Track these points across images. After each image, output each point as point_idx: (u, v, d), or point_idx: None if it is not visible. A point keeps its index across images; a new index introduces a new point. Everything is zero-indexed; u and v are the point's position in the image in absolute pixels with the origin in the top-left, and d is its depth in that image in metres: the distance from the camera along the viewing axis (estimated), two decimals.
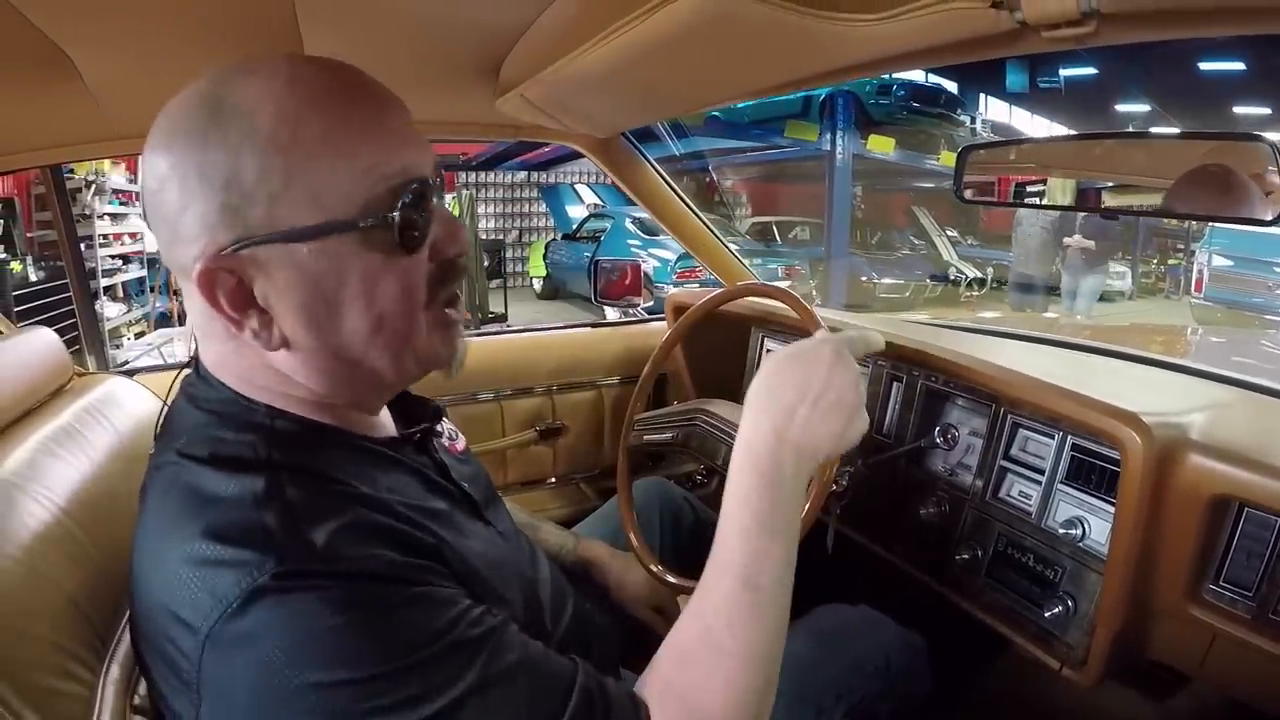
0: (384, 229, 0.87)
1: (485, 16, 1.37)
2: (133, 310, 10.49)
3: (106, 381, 1.61)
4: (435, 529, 0.96)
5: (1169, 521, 1.33)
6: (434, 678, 0.80)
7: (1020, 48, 1.07)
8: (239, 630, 0.78)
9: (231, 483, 0.85)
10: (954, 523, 1.71)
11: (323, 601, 0.78)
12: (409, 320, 0.93)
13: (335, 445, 0.97)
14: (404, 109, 0.93)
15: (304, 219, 0.85)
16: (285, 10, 1.20)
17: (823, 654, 1.51)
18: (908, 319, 2.67)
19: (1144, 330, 5.57)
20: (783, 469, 1.03)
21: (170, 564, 0.83)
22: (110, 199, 10.13)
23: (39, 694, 0.90)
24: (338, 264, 0.87)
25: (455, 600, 0.87)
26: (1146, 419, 1.34)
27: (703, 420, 1.89)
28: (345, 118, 0.87)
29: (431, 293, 0.95)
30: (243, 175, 0.84)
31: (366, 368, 0.94)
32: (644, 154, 2.46)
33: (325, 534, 0.82)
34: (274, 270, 0.87)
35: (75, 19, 1.20)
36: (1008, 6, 0.91)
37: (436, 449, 1.15)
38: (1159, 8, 0.90)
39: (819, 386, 1.06)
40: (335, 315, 0.90)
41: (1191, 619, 1.33)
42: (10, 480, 1.10)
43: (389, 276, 0.90)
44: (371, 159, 0.87)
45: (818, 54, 1.28)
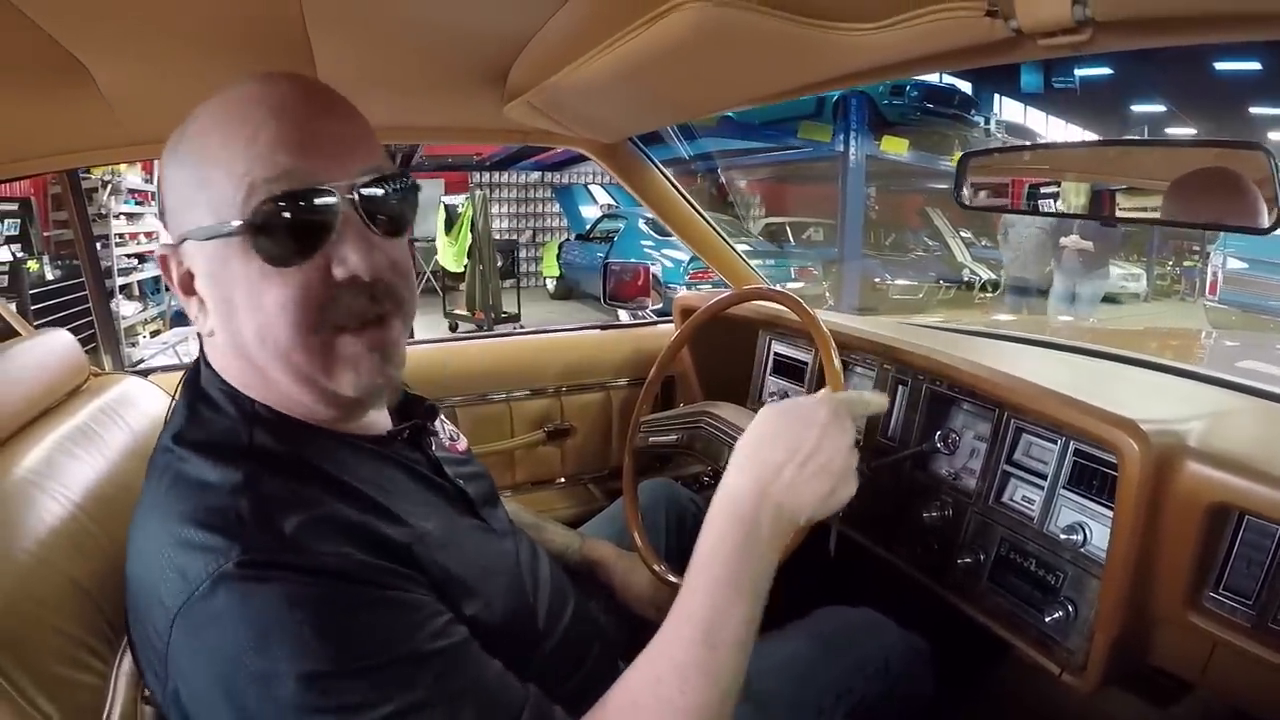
0: (259, 239, 0.90)
1: (491, 26, 1.39)
2: (148, 309, 10.55)
3: (122, 382, 1.64)
4: (412, 526, 0.98)
5: (1167, 528, 1.33)
6: (381, 687, 0.82)
7: (1016, 55, 1.08)
8: (203, 613, 0.81)
9: (214, 470, 0.89)
10: (957, 526, 1.71)
11: (282, 594, 0.81)
12: (287, 336, 0.93)
13: (318, 438, 1.00)
14: (339, 124, 0.96)
15: (203, 221, 0.92)
16: (295, 20, 1.22)
17: (824, 655, 1.52)
18: (915, 322, 2.67)
19: (1158, 334, 5.53)
20: (760, 526, 1.02)
21: (154, 544, 0.87)
22: (126, 198, 10.18)
23: (54, 683, 0.94)
24: (228, 266, 0.92)
25: (419, 607, 0.89)
26: (1145, 426, 1.34)
27: (707, 422, 1.90)
28: (244, 131, 0.91)
29: (317, 314, 0.93)
30: (177, 183, 0.95)
31: (271, 375, 0.97)
32: (650, 158, 2.47)
33: (294, 526, 0.85)
34: (196, 264, 0.96)
35: (90, 29, 1.22)
36: (1003, 15, 0.92)
37: (431, 446, 1.17)
38: (1154, 16, 0.91)
39: (809, 448, 1.06)
40: (233, 315, 0.95)
41: (1191, 626, 1.33)
42: (28, 479, 1.15)
43: (268, 287, 0.91)
44: (255, 170, 0.90)
45: (817, 62, 1.30)
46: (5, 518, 1.06)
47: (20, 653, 0.92)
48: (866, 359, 2.04)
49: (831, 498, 1.06)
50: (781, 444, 1.06)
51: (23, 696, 0.89)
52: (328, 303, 0.93)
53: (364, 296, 0.95)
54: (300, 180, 0.90)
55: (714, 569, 1.00)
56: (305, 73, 1.39)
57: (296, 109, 0.93)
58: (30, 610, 0.98)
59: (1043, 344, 2.24)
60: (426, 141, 8.70)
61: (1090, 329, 7.44)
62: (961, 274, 15.67)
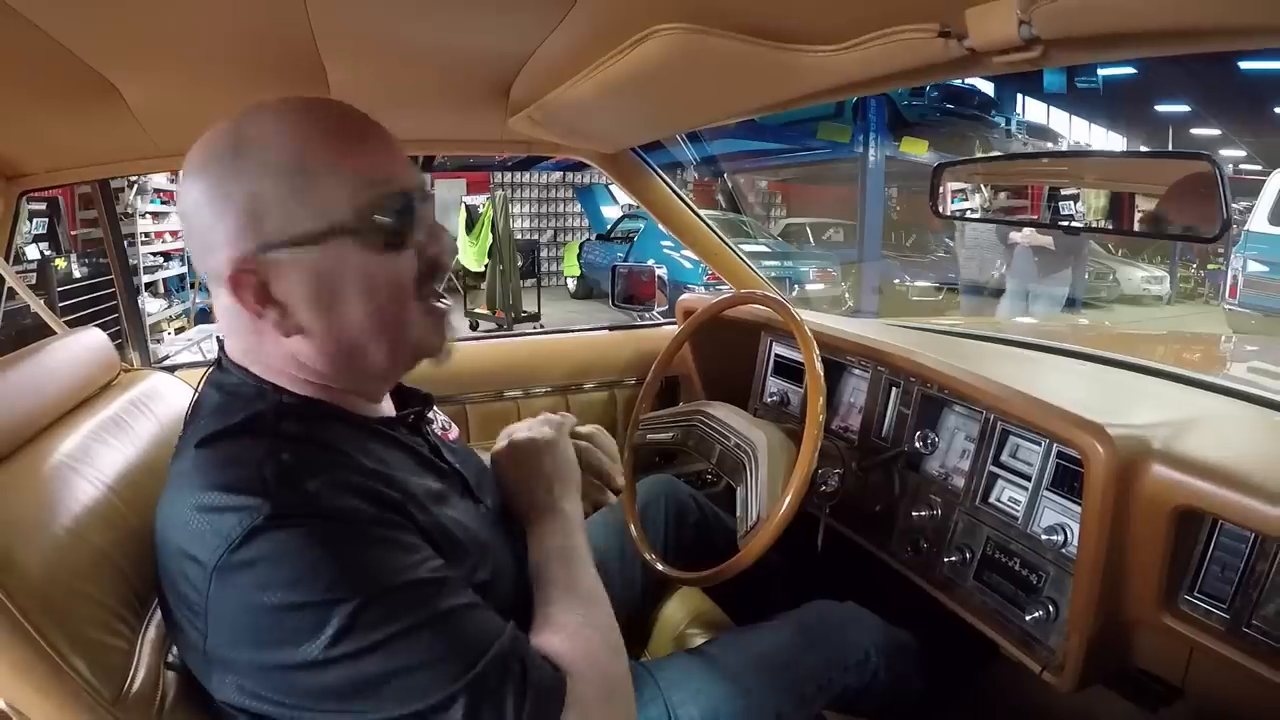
0: (375, 231, 1.03)
1: (492, 46, 1.45)
2: (173, 306, 10.68)
3: (151, 377, 1.72)
4: (411, 494, 1.09)
5: (1135, 530, 1.36)
6: (393, 610, 0.93)
7: (976, 71, 1.14)
8: (239, 560, 0.92)
9: (239, 446, 1.01)
10: (945, 525, 1.74)
11: (306, 537, 0.92)
12: (401, 309, 1.08)
13: (334, 420, 1.11)
14: (388, 135, 1.10)
15: (310, 226, 1.02)
16: (306, 42, 1.30)
17: (806, 645, 1.57)
18: (909, 324, 2.68)
19: (1182, 339, 5.46)
20: (557, 509, 1.30)
21: (184, 512, 0.98)
22: (152, 198, 10.35)
23: (86, 644, 1.03)
24: (339, 263, 1.04)
25: (417, 548, 1.01)
26: (1111, 429, 1.37)
27: (700, 421, 1.95)
28: (339, 144, 1.04)
29: (419, 286, 1.10)
30: (261, 195, 1.02)
31: (367, 353, 1.09)
32: (652, 165, 2.52)
33: (313, 485, 0.96)
34: (288, 270, 1.04)
35: (119, 53, 1.32)
36: (956, 35, 0.98)
37: (430, 432, 1.30)
38: (1098, 33, 0.95)
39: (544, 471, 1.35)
40: (339, 305, 1.05)
41: (1167, 629, 1.35)
42: (66, 463, 1.25)
43: (381, 272, 1.05)
44: (363, 175, 1.03)
45: (785, 81, 1.36)
46: (45, 497, 1.17)
47: (57, 617, 1.02)
48: (861, 361, 2.08)
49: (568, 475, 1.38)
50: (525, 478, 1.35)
51: (59, 655, 0.98)
52: (426, 274, 1.11)
53: (443, 271, 1.14)
54: (399, 181, 1.06)
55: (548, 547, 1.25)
56: (319, 90, 1.52)
57: (366, 125, 1.09)
58: (66, 579, 1.07)
59: (1035, 347, 2.25)
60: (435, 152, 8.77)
61: (1109, 333, 7.37)
62: None
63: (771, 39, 1.14)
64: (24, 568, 1.03)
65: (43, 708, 0.97)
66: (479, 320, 11.96)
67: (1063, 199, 1.75)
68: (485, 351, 2.73)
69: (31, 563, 1.05)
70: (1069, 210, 1.69)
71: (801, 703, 1.53)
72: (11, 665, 0.97)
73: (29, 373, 1.39)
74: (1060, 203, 1.75)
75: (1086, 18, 0.90)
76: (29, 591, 1.01)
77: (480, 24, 1.32)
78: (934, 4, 1.00)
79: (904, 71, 1.17)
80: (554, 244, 17.90)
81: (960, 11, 0.97)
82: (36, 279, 8.01)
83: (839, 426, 2.15)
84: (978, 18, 0.96)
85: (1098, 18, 0.90)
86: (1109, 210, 1.68)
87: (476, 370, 2.51)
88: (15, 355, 1.41)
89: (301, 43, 1.31)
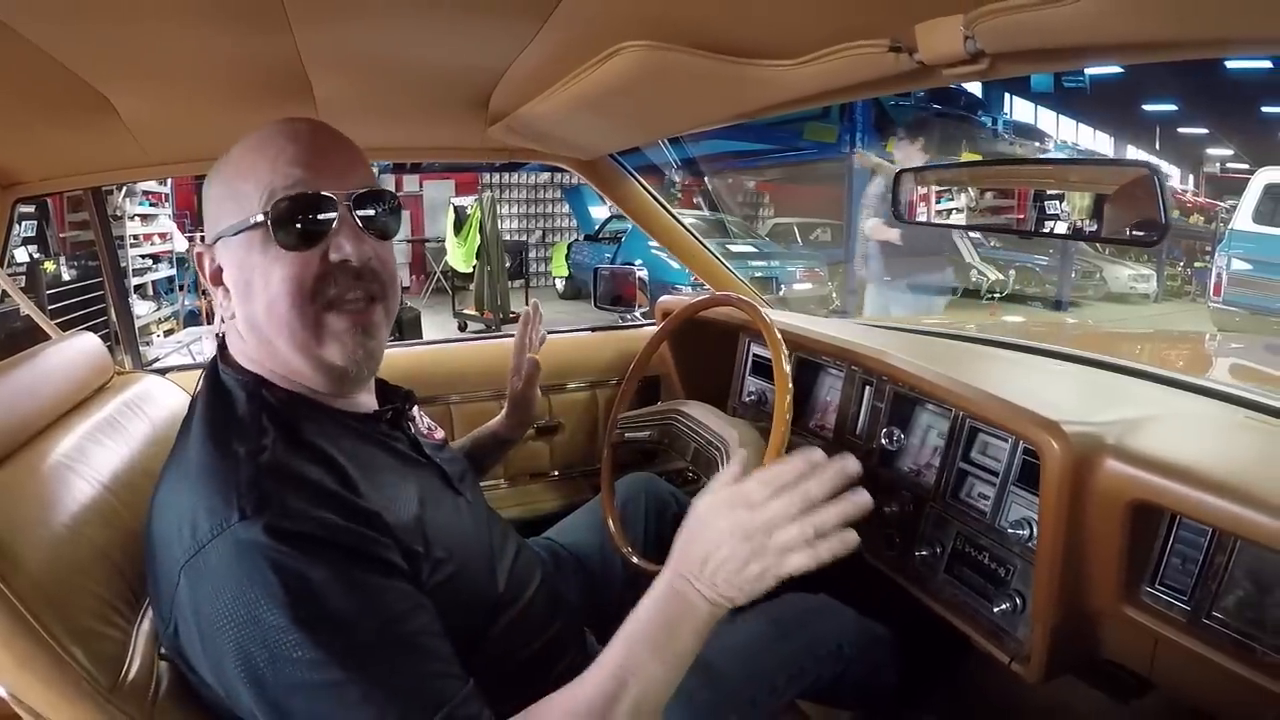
0: (277, 229, 1.13)
1: (470, 60, 1.51)
2: (162, 308, 10.67)
3: (143, 380, 1.79)
4: (384, 496, 1.15)
5: (1093, 524, 1.39)
6: (337, 657, 0.97)
7: (928, 83, 1.20)
8: (204, 566, 0.99)
9: (224, 448, 1.08)
10: (917, 520, 1.77)
11: (267, 557, 0.97)
12: (289, 307, 1.15)
13: (315, 417, 1.19)
14: (333, 151, 1.20)
15: (234, 220, 1.16)
16: (292, 57, 1.35)
17: (778, 636, 1.62)
18: (883, 324, 2.72)
19: (1166, 338, 5.47)
20: (684, 606, 1.11)
21: (170, 508, 1.06)
22: (140, 200, 10.33)
23: (85, 635, 1.10)
24: (250, 254, 1.16)
25: (383, 591, 1.05)
26: (1066, 426, 1.41)
27: (675, 420, 1.99)
28: (267, 154, 1.16)
29: (315, 287, 1.15)
30: (216, 196, 1.20)
31: (275, 345, 1.17)
32: (629, 171, 2.57)
33: (287, 494, 1.03)
34: (225, 257, 1.19)
35: (112, 68, 1.37)
36: (906, 50, 1.03)
37: (410, 428, 1.36)
38: (1038, 47, 1.00)
39: (722, 553, 1.09)
40: (250, 293, 1.17)
41: (1130, 620, 1.38)
42: (63, 463, 1.32)
43: (278, 267, 1.14)
44: (275, 180, 1.14)
45: (747, 94, 1.43)
46: (44, 495, 1.23)
47: (57, 608, 1.08)
48: (835, 361, 2.11)
49: (745, 572, 1.09)
50: (696, 548, 1.12)
51: (58, 644, 1.04)
52: (323, 278, 1.16)
53: (351, 276, 1.17)
54: (309, 187, 1.14)
55: (635, 630, 1.11)
56: (306, 103, 1.58)
57: (308, 139, 1.17)
58: (65, 574, 1.14)
59: (1014, 347, 2.27)
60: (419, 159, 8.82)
61: (1096, 332, 7.35)
62: (969, 274, 15.60)
63: (732, 54, 1.20)
64: (25, 562, 1.09)
65: (44, 695, 1.02)
66: (467, 321, 11.96)
67: (1049, 199, 1.78)
68: (468, 352, 2.78)
69: (32, 558, 1.10)
70: (1054, 210, 1.72)
71: (773, 692, 1.58)
72: (14, 655, 1.02)
73: (26, 377, 1.45)
74: (1046, 203, 1.77)
75: (1027, 33, 0.95)
76: (30, 585, 1.06)
77: (458, 41, 1.37)
78: (884, 21, 1.05)
79: (859, 84, 1.23)
80: (542, 244, 17.87)
81: (909, 27, 1.02)
82: (26, 282, 7.98)
83: (815, 424, 2.19)
84: (926, 33, 1.01)
85: (1038, 33, 0.94)
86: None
87: (460, 370, 2.55)
88: (12, 360, 1.47)
89: (288, 59, 1.36)
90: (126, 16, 1.14)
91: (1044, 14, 0.86)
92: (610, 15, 1.19)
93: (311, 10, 1.17)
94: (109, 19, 1.14)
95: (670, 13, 1.16)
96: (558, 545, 1.89)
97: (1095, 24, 0.89)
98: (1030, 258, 16.17)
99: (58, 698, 1.03)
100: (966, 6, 0.95)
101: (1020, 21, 0.91)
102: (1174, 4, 0.86)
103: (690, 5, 1.15)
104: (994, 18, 0.92)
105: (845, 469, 1.12)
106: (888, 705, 1.87)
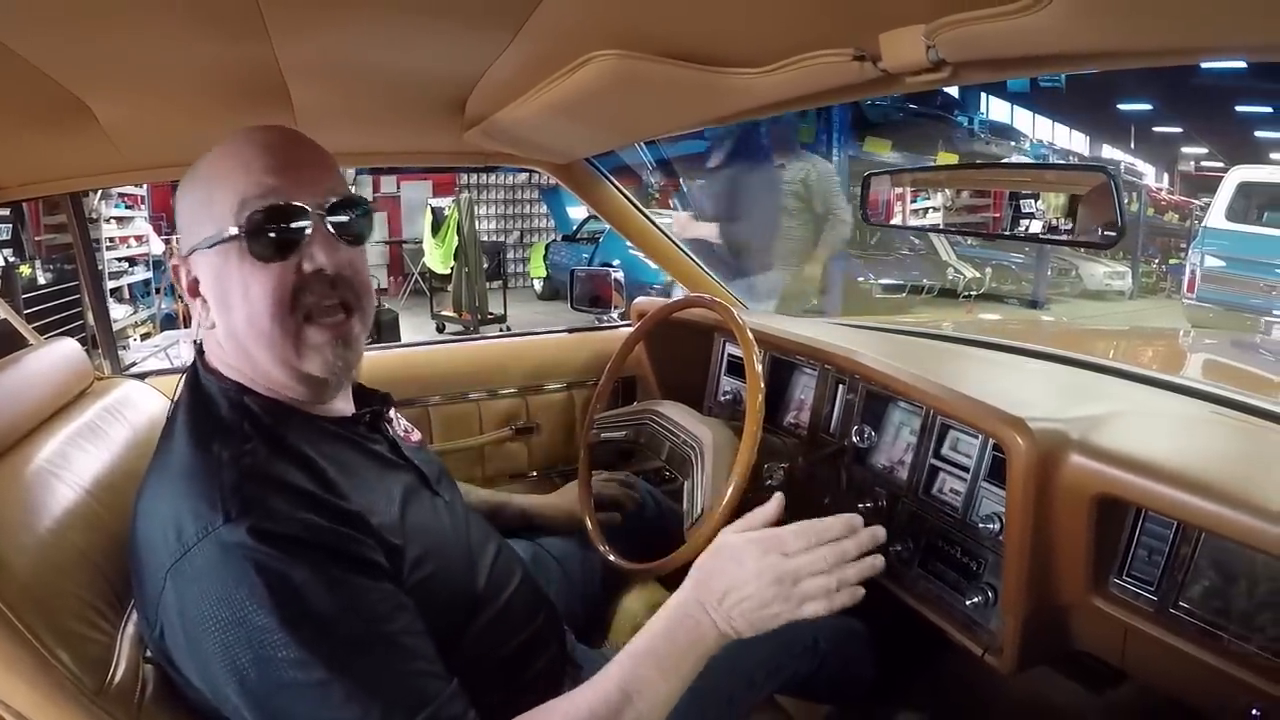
0: (252, 241, 1.13)
1: (445, 66, 1.52)
2: (138, 312, 10.59)
3: (123, 385, 1.80)
4: (365, 498, 1.17)
5: (1059, 517, 1.42)
6: (322, 657, 0.99)
7: (891, 90, 1.24)
8: (189, 569, 1.00)
9: (207, 451, 1.09)
10: (890, 517, 1.79)
11: (252, 559, 0.99)
12: (269, 318, 1.15)
13: (295, 422, 1.20)
14: (304, 160, 1.20)
15: (209, 232, 1.15)
16: (270, 63, 1.36)
17: None
18: (854, 323, 2.74)
19: (1141, 335, 5.50)
20: (695, 630, 1.19)
21: (155, 513, 1.07)
22: (116, 202, 10.25)
23: (70, 638, 1.11)
24: (226, 266, 1.15)
25: (366, 591, 1.06)
26: (1032, 423, 1.44)
27: (651, 419, 2.01)
28: (239, 163, 1.16)
29: (293, 299, 1.16)
30: (188, 205, 1.19)
31: (253, 355, 1.18)
32: (604, 174, 2.60)
33: (270, 497, 1.04)
34: (201, 269, 1.19)
35: (92, 75, 1.37)
36: (870, 59, 1.06)
37: (389, 430, 1.38)
38: (1000, 57, 1.03)
39: (742, 591, 1.19)
40: (228, 305, 1.17)
41: (1099, 611, 1.41)
42: (46, 469, 1.33)
43: (255, 280, 1.14)
44: (248, 191, 1.13)
45: (717, 100, 1.46)
46: (28, 500, 1.24)
47: (42, 611, 1.09)
48: (809, 360, 2.14)
49: (763, 611, 1.19)
50: (720, 580, 1.20)
51: (44, 647, 1.05)
52: (300, 289, 1.16)
53: (327, 285, 1.18)
54: (281, 198, 1.14)
55: (645, 646, 1.17)
56: (283, 108, 1.58)
57: (281, 148, 1.17)
58: (50, 577, 1.15)
59: (979, 344, 2.32)
60: (396, 164, 8.81)
61: (1057, 329, 7.37)
62: (946, 272, 15.66)
63: (701, 63, 1.23)
64: (9, 567, 1.10)
65: (30, 699, 1.03)
66: (445, 322, 11.92)
67: (1024, 198, 1.80)
68: (444, 355, 2.80)
69: (16, 562, 1.11)
70: (1029, 209, 1.74)
71: (751, 687, 1.61)
72: (0, 658, 1.02)
73: (7, 383, 1.46)
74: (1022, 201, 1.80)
75: (987, 42, 0.98)
76: (15, 588, 1.07)
77: (434, 47, 1.39)
78: (849, 30, 1.08)
79: (825, 91, 1.26)
80: (520, 245, 17.81)
81: (873, 37, 1.05)
82: (2, 286, 7.92)
83: (790, 423, 2.21)
84: (889, 42, 1.04)
85: (998, 42, 0.97)
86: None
87: (438, 373, 2.56)
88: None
89: (266, 65, 1.37)
90: (105, 23, 1.14)
91: (1003, 25, 0.89)
92: (582, 24, 1.21)
93: (289, 17, 1.17)
94: (88, 25, 1.15)
95: (641, 23, 1.18)
96: (536, 545, 1.90)
97: (1054, 34, 0.91)
98: (1007, 256, 16.26)
99: (44, 701, 1.03)
100: (927, 17, 0.98)
101: (980, 32, 0.93)
102: (1131, 15, 0.89)
103: (660, 16, 1.17)
104: (954, 28, 0.95)
105: (876, 536, 1.28)
106: (864, 698, 1.91)
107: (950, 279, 15.37)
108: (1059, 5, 0.82)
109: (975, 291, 15.08)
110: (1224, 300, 10.08)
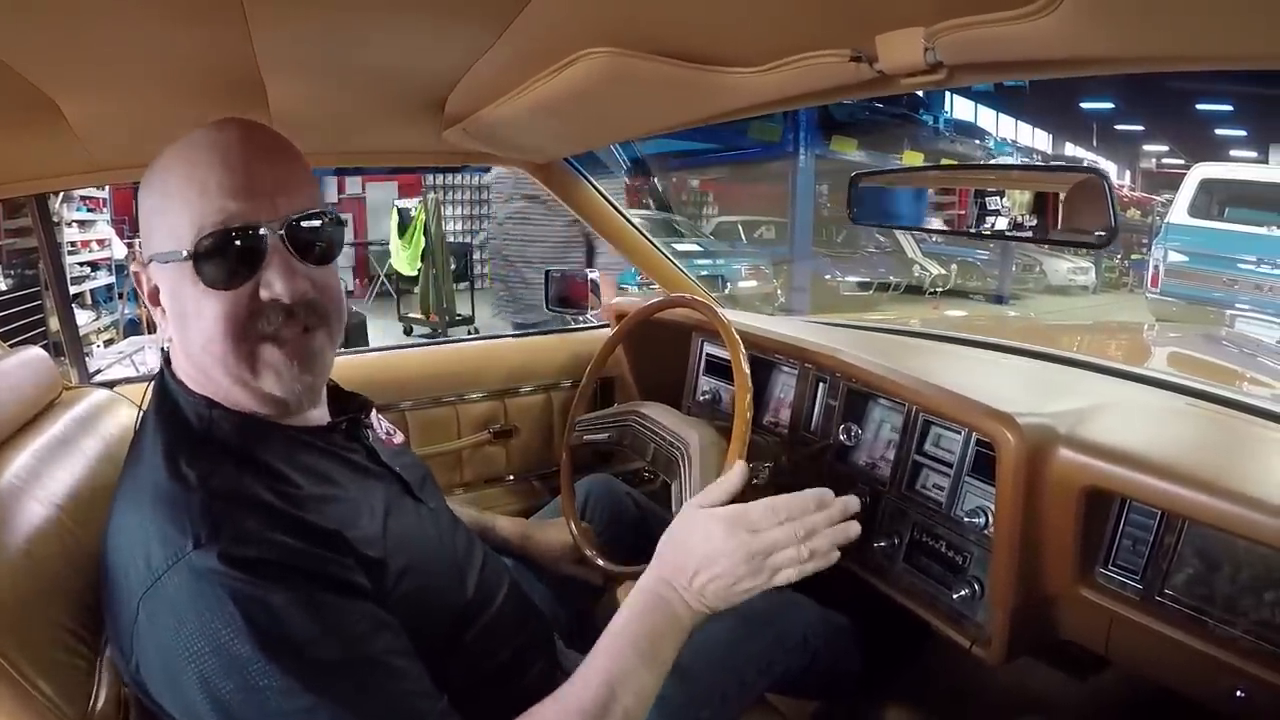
0: (204, 267, 1.07)
1: (427, 63, 1.49)
2: (102, 317, 10.46)
3: (92, 395, 1.75)
4: (342, 512, 1.13)
5: (1048, 510, 1.44)
6: (302, 685, 0.96)
7: (885, 91, 1.23)
8: (162, 598, 0.96)
9: (175, 471, 1.05)
10: (874, 512, 1.80)
11: (227, 587, 0.96)
12: (221, 345, 1.09)
13: (265, 432, 1.15)
14: (275, 168, 1.13)
15: (166, 247, 1.09)
16: (248, 59, 1.32)
17: (745, 632, 1.63)
18: (834, 321, 2.76)
19: (1106, 329, 5.57)
20: (668, 610, 1.19)
21: (126, 537, 1.03)
22: (78, 205, 10.11)
23: (50, 666, 1.06)
24: (181, 286, 1.10)
25: (346, 612, 1.03)
26: (1021, 419, 1.46)
27: (634, 421, 2.00)
28: (196, 175, 1.08)
29: (246, 326, 1.10)
30: (147, 210, 1.13)
31: (214, 376, 1.13)
32: (583, 174, 2.58)
33: (241, 519, 1.01)
34: (160, 279, 1.14)
35: (60, 70, 1.32)
36: (867, 60, 1.05)
37: (368, 437, 1.32)
38: (999, 60, 1.03)
39: (711, 565, 1.17)
40: (185, 325, 1.12)
41: (1085, 601, 1.44)
42: (17, 485, 1.27)
43: (209, 304, 1.08)
44: (203, 211, 1.07)
45: (709, 99, 1.45)
46: (1, 520, 1.18)
47: (20, 639, 1.04)
48: (789, 359, 2.14)
49: (735, 587, 1.18)
50: (689, 559, 1.19)
51: (23, 677, 1.01)
52: (254, 317, 1.10)
53: (283, 314, 1.11)
54: (238, 220, 1.07)
55: (622, 634, 1.16)
56: (259, 106, 1.53)
57: (240, 155, 1.09)
58: (27, 603, 1.10)
59: (961, 341, 2.34)
60: (372, 164, 8.73)
61: (1024, 324, 7.43)
62: (912, 269, 15.79)
63: (694, 62, 1.21)
64: None
65: None
66: (413, 325, 11.86)
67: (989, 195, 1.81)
68: (419, 358, 2.76)
69: None
70: (995, 206, 1.75)
71: (743, 686, 1.61)
72: None
73: None
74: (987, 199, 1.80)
75: (987, 46, 0.98)
76: None
77: (416, 43, 1.36)
78: (846, 31, 1.07)
79: (819, 91, 1.25)
80: (488, 246, 17.66)
81: (870, 38, 1.04)
82: None
83: (770, 421, 2.21)
84: (887, 44, 1.03)
85: (998, 46, 0.97)
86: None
87: (414, 376, 2.53)
88: None
89: (242, 61, 1.33)
90: (76, 15, 1.09)
91: (1005, 29, 0.89)
92: (573, 21, 1.19)
93: (271, 10, 1.13)
94: (56, 17, 1.09)
95: (634, 20, 1.17)
96: None
97: (1058, 40, 0.91)
98: (972, 252, 16.44)
99: None
100: (927, 20, 0.97)
101: (980, 35, 0.93)
102: (1135, 22, 0.89)
103: (654, 13, 1.15)
104: (955, 32, 0.95)
105: (848, 506, 1.25)
106: (853, 692, 1.92)
107: (916, 276, 15.51)
108: (1065, 11, 0.82)
109: (941, 288, 15.22)
110: (1187, 294, 10.25)
